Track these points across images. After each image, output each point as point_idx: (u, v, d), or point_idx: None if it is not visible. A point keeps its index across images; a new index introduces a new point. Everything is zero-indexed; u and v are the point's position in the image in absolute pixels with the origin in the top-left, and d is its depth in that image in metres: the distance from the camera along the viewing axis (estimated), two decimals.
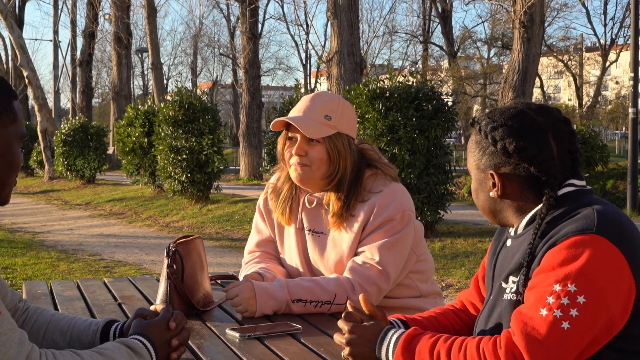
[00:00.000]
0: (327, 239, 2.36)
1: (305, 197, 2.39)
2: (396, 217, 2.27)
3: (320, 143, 2.30)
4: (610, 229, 1.43)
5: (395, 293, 2.40)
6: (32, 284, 2.70)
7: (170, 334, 1.62)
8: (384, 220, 2.27)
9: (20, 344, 1.35)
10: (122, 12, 27.12)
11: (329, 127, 2.30)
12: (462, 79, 37.54)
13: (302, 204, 2.40)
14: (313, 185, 2.35)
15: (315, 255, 2.39)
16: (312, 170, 2.30)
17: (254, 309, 2.13)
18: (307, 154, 2.30)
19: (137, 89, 51.23)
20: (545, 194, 1.55)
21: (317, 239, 2.38)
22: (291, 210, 2.42)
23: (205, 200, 13.00)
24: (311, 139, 2.29)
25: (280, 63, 67.40)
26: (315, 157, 2.30)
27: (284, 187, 2.43)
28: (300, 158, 2.30)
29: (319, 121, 2.29)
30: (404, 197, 2.33)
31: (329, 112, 2.31)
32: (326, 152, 2.31)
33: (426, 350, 1.51)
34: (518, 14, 13.95)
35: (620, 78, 43.36)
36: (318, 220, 2.39)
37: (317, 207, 2.38)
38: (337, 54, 13.74)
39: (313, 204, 2.38)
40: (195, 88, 13.89)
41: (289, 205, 2.42)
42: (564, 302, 1.39)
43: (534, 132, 1.56)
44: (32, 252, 8.72)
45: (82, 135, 19.14)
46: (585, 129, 10.00)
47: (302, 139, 2.31)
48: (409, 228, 2.31)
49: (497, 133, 1.58)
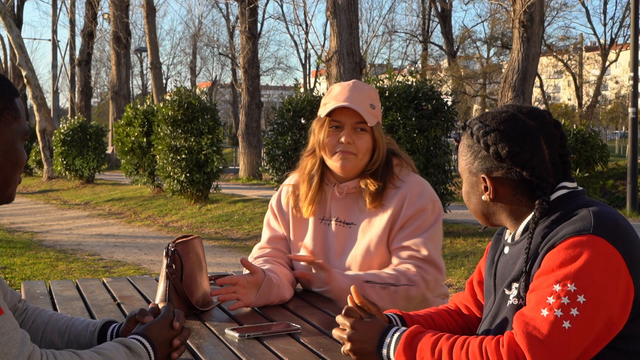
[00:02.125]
0: (357, 229, 2.36)
1: (334, 187, 2.39)
2: (428, 207, 2.31)
3: (367, 132, 2.33)
4: (607, 229, 1.45)
5: None
6: (30, 284, 2.69)
7: (172, 334, 1.61)
8: (417, 210, 2.30)
9: (22, 344, 1.35)
10: (121, 11, 27.12)
11: (374, 116, 2.33)
12: (461, 78, 37.55)
13: (332, 195, 2.40)
14: (354, 174, 2.36)
15: (340, 246, 2.37)
16: (357, 159, 2.33)
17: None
18: (355, 142, 2.32)
19: (136, 88, 51.26)
20: (537, 198, 1.56)
21: (346, 230, 2.38)
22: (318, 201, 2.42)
23: (204, 200, 13.00)
24: (360, 128, 2.31)
25: (279, 62, 67.63)
26: (362, 145, 2.32)
27: (316, 176, 2.41)
28: (348, 146, 2.31)
29: (367, 110, 2.31)
30: (430, 188, 2.38)
31: (372, 101, 2.34)
32: (372, 141, 2.34)
33: (428, 348, 1.51)
34: (518, 13, 13.95)
35: (620, 78, 43.39)
36: (348, 210, 2.38)
37: (347, 197, 2.38)
38: (336, 53, 13.74)
39: (343, 194, 2.38)
40: (195, 87, 13.86)
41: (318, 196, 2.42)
42: (564, 301, 1.40)
43: (526, 136, 1.57)
44: (31, 252, 8.71)
45: (81, 135, 19.14)
46: (584, 128, 9.98)
47: (350, 127, 2.32)
48: (441, 218, 2.36)
49: (490, 138, 1.59)
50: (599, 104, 42.73)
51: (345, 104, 2.28)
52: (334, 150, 2.33)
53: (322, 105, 2.39)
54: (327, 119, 2.34)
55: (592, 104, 37.74)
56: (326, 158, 2.37)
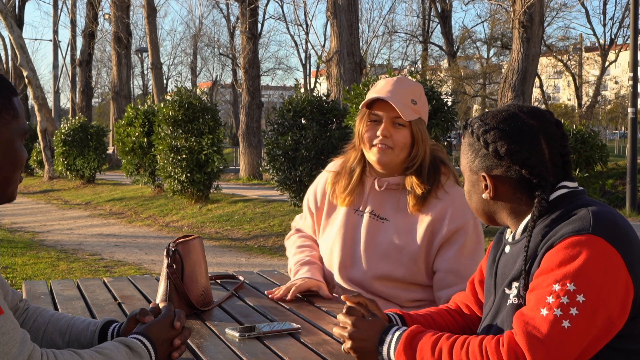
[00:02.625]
0: (390, 225, 2.35)
1: (375, 180, 2.39)
2: (470, 225, 2.30)
3: (405, 127, 2.31)
4: (606, 229, 1.45)
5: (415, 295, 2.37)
6: (32, 283, 2.69)
7: (173, 333, 1.61)
8: (458, 226, 2.29)
9: (22, 343, 1.35)
10: (122, 12, 27.11)
11: (414, 112, 2.31)
12: (461, 78, 37.54)
13: (371, 187, 2.40)
14: (391, 168, 2.36)
15: (370, 239, 2.37)
16: (394, 153, 2.32)
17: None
18: (392, 136, 2.31)
19: (136, 88, 51.26)
20: (537, 197, 1.56)
21: (380, 224, 2.37)
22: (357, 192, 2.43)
23: (205, 200, 12.99)
24: (398, 123, 2.31)
25: (279, 63, 67.55)
26: (399, 140, 2.31)
27: (357, 168, 2.42)
28: (385, 139, 2.30)
29: (407, 105, 2.30)
30: None
31: (415, 97, 2.33)
32: (410, 136, 2.32)
33: (428, 347, 1.52)
34: (517, 13, 13.95)
35: (619, 78, 43.40)
36: (384, 205, 2.38)
37: (386, 192, 2.38)
38: (336, 53, 13.74)
39: (382, 188, 2.38)
40: (195, 88, 13.87)
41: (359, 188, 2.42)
42: (563, 301, 1.40)
43: (525, 135, 1.58)
44: (32, 251, 8.71)
45: (81, 135, 19.13)
46: (584, 128, 9.98)
47: (389, 121, 2.31)
48: (481, 236, 2.35)
49: (489, 136, 1.59)
50: (599, 104, 42.70)
51: (383, 96, 2.28)
52: (372, 143, 2.33)
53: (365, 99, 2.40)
54: (367, 112, 2.35)
55: (591, 104, 37.71)
56: (365, 150, 2.37)
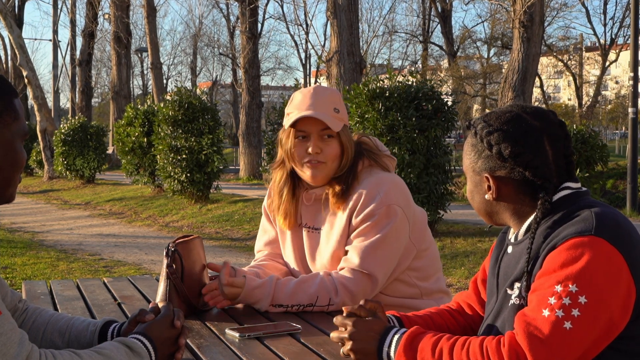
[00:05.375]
0: (323, 233, 2.33)
1: (303, 194, 2.37)
2: (378, 212, 2.21)
3: (334, 138, 2.28)
4: (608, 230, 1.45)
5: (391, 290, 2.34)
6: (31, 283, 2.69)
7: (172, 333, 1.61)
8: (366, 215, 2.22)
9: (20, 344, 1.35)
10: (122, 11, 27.12)
11: (339, 120, 2.28)
12: (461, 78, 37.55)
13: (301, 201, 2.38)
14: (324, 181, 2.31)
15: (310, 252, 2.36)
16: (327, 167, 2.28)
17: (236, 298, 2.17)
18: (323, 150, 2.26)
19: (136, 88, 51.24)
20: (540, 198, 1.56)
21: (314, 235, 2.36)
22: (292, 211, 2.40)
23: (204, 200, 13.00)
24: (326, 135, 2.26)
25: (279, 63, 67.42)
26: (330, 152, 2.27)
27: (284, 188, 2.38)
28: (317, 155, 2.26)
29: (332, 115, 2.26)
30: (392, 189, 2.25)
31: (336, 104, 2.29)
32: (339, 146, 2.28)
33: (428, 348, 1.51)
34: (518, 13, 13.95)
35: (620, 78, 43.36)
36: (315, 216, 2.36)
37: (314, 203, 2.36)
38: (336, 53, 13.73)
39: (311, 201, 2.36)
40: (195, 88, 13.86)
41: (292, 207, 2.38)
42: (565, 302, 1.40)
43: (529, 136, 1.57)
44: (32, 251, 8.71)
45: (81, 135, 19.14)
46: (585, 128, 10.01)
47: (317, 136, 2.26)
48: (398, 223, 2.22)
49: (493, 137, 1.59)
50: (599, 104, 42.72)
51: (308, 113, 2.23)
52: (303, 161, 2.28)
53: (285, 116, 2.33)
54: (293, 130, 2.29)
55: (592, 104, 37.72)
56: (297, 168, 2.32)
